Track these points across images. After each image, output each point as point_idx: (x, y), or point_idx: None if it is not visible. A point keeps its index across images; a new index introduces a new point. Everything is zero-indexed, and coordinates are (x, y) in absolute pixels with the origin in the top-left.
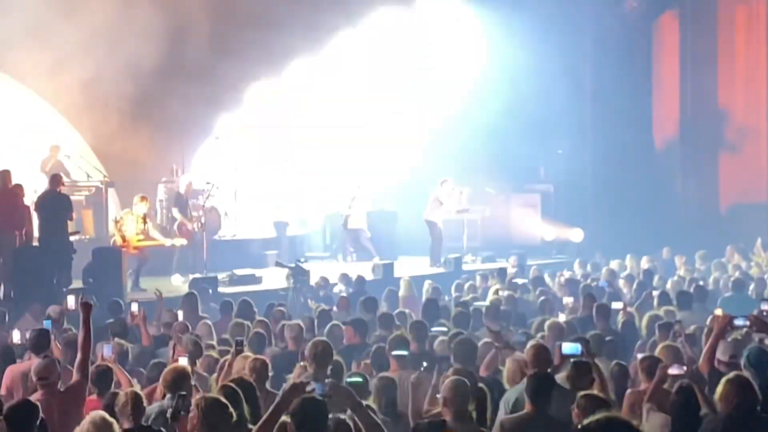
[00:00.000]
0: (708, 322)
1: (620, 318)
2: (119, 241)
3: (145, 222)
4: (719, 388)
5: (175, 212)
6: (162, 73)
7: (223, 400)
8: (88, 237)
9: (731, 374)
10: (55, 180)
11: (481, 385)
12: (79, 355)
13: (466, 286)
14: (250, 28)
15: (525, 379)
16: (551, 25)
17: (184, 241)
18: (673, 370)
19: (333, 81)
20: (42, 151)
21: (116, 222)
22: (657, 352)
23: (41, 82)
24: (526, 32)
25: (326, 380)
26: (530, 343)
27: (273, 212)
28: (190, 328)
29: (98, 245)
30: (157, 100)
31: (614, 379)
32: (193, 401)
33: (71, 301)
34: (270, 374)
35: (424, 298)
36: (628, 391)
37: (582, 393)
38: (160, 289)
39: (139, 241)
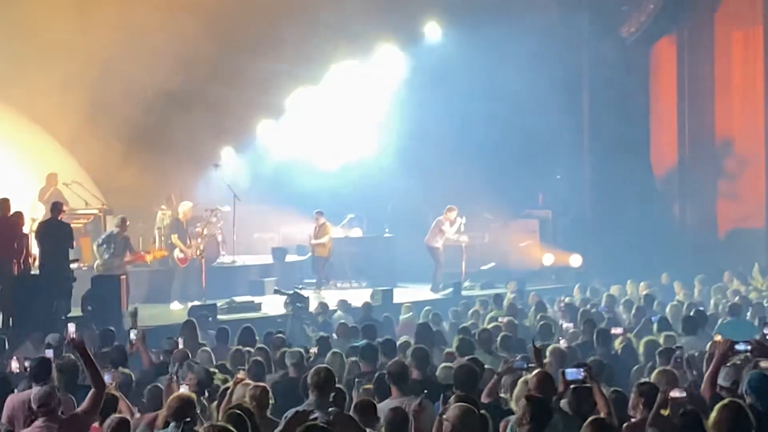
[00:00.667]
0: (708, 347)
1: (619, 343)
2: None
3: None
4: (713, 414)
5: (174, 238)
6: (162, 101)
7: (231, 428)
8: (87, 265)
9: (726, 400)
10: (56, 208)
11: (483, 411)
12: (93, 391)
13: (470, 312)
14: (255, 57)
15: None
16: (548, 52)
17: (164, 253)
18: (675, 393)
19: (334, 110)
20: (40, 179)
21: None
22: (653, 377)
23: (39, 109)
24: (523, 59)
25: (329, 408)
26: (534, 371)
27: (271, 239)
28: (189, 355)
29: (97, 273)
30: (156, 128)
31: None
32: (200, 429)
33: (72, 329)
34: (271, 402)
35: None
36: (625, 425)
37: (591, 418)
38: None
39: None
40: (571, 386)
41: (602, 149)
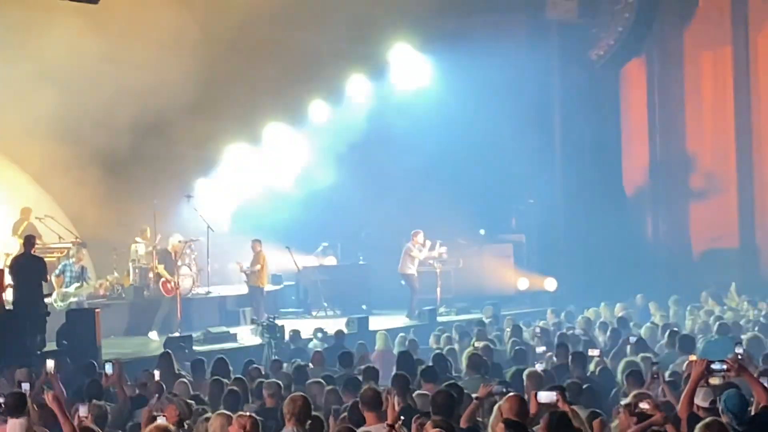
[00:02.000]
0: (684, 367)
1: (595, 365)
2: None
3: None
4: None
5: (161, 269)
6: (135, 133)
7: None
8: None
9: (708, 419)
10: (29, 242)
11: None
12: None
13: (443, 337)
14: (229, 90)
15: None
16: (519, 77)
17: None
18: (643, 405)
19: (304, 140)
20: (13, 213)
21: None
22: (629, 399)
23: (10, 142)
24: (494, 85)
25: None
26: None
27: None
28: (164, 388)
29: (72, 307)
30: (129, 160)
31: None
32: None
33: (50, 364)
34: None
35: (396, 351)
36: None
37: None
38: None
39: None
40: (544, 410)
41: (574, 172)
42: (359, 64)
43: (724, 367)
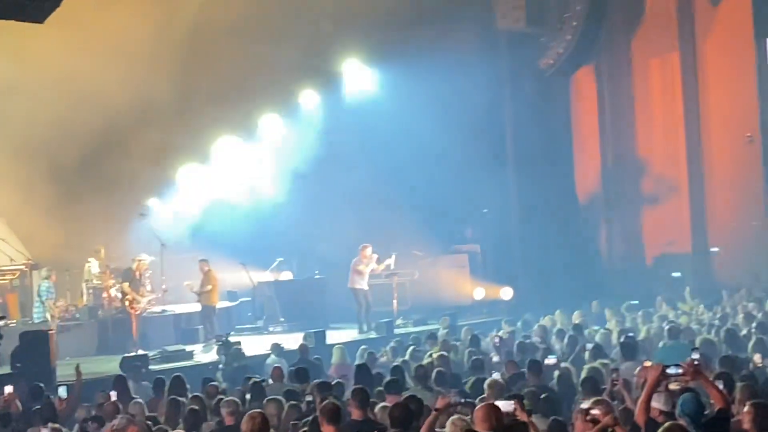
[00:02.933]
0: (636, 372)
1: (558, 374)
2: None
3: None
4: None
5: (126, 287)
6: (86, 151)
7: None
8: (14, 321)
9: (668, 423)
10: None
11: None
12: None
13: (388, 350)
14: (181, 104)
15: None
16: (470, 88)
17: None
18: (594, 411)
19: (259, 155)
20: None
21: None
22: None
23: None
24: (445, 96)
25: None
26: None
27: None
28: (120, 408)
29: (25, 329)
30: (81, 178)
31: None
32: None
33: (8, 389)
34: None
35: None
36: None
37: None
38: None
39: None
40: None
41: (527, 181)
42: (311, 78)
43: (680, 371)
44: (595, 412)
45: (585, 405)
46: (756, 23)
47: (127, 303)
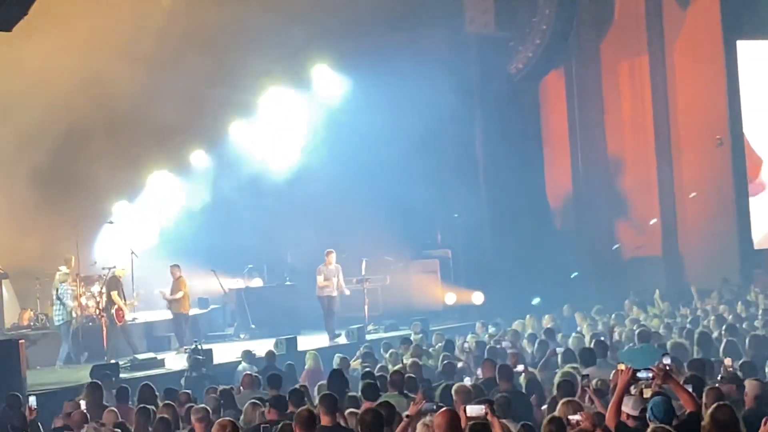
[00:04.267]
0: (611, 376)
1: (523, 378)
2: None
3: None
4: None
5: (114, 296)
6: (56, 162)
7: None
8: None
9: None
10: None
11: None
12: None
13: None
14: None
15: None
16: (439, 92)
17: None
18: (573, 417)
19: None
20: None
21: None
22: (557, 409)
23: None
24: (414, 100)
25: None
26: (441, 409)
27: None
28: (89, 417)
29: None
30: (50, 187)
31: None
32: None
33: None
34: None
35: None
36: None
37: None
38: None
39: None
40: (469, 422)
41: (498, 185)
42: (280, 82)
43: (650, 375)
44: (576, 418)
45: (558, 410)
46: (724, 26)
47: (113, 311)
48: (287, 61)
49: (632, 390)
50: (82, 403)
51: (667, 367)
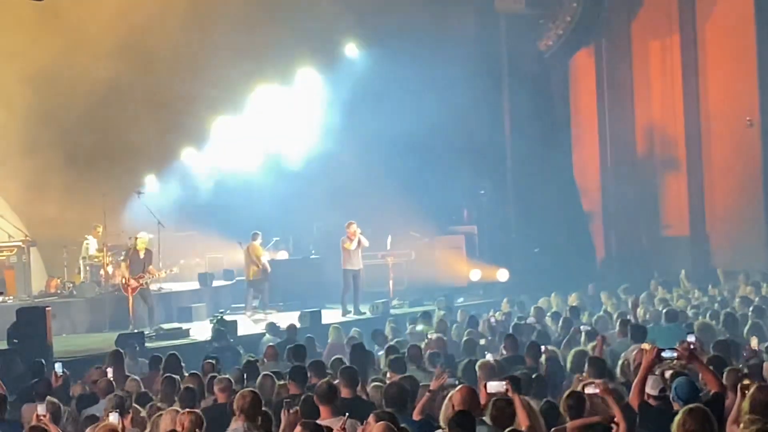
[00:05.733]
0: (634, 355)
1: (543, 356)
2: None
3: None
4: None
5: (123, 266)
6: (81, 131)
7: None
8: (11, 297)
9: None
10: None
11: (404, 425)
12: None
13: (388, 329)
14: (180, 86)
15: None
16: (469, 69)
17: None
18: (589, 389)
19: (256, 134)
20: None
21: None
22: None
23: None
24: (444, 77)
25: None
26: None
27: (198, 265)
28: (114, 385)
29: (22, 305)
30: (78, 156)
31: (545, 417)
32: None
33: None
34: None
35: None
36: (553, 429)
37: (509, 429)
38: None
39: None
40: (492, 399)
41: (525, 163)
42: (309, 58)
43: (675, 355)
44: (589, 390)
45: (589, 390)
46: (757, 6)
47: (123, 281)
48: (316, 39)
49: (656, 370)
50: (109, 371)
51: (692, 346)
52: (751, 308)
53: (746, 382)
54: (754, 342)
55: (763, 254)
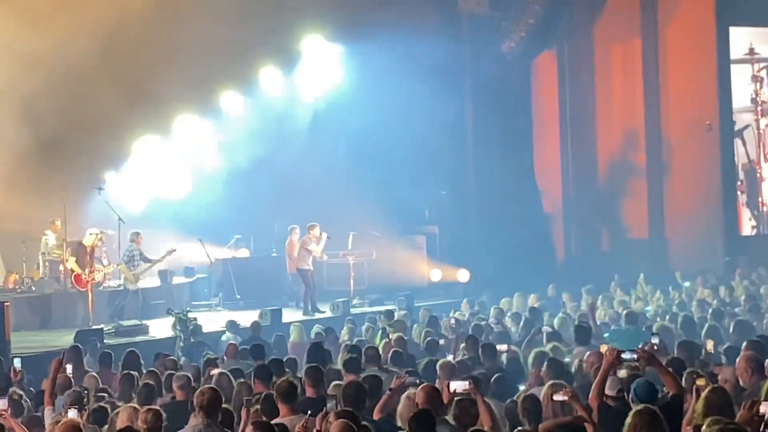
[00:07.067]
0: (589, 356)
1: (505, 357)
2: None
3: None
4: (628, 419)
5: (72, 262)
6: (45, 124)
7: None
8: None
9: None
10: None
11: (365, 423)
12: None
13: (346, 329)
14: (140, 79)
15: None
16: (431, 70)
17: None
18: (557, 397)
19: (218, 134)
20: None
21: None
22: (543, 390)
23: None
24: (406, 78)
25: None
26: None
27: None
28: (73, 382)
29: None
30: (37, 150)
31: (508, 417)
32: None
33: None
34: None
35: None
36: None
37: (471, 430)
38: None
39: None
40: (455, 398)
41: (486, 164)
42: (271, 56)
43: (634, 356)
44: (558, 398)
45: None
46: (718, 11)
47: (73, 279)
48: (277, 37)
49: (618, 372)
50: (68, 367)
51: (655, 347)
52: (709, 311)
53: (700, 383)
54: (710, 345)
55: (721, 258)
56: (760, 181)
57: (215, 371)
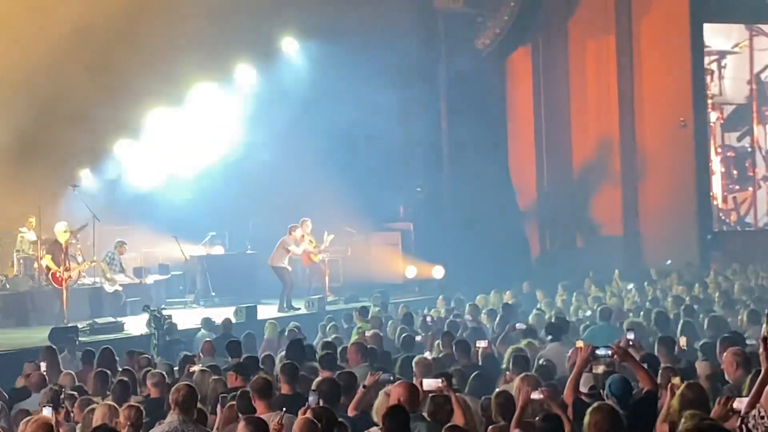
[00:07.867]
0: (569, 353)
1: (481, 353)
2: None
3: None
4: (587, 418)
5: (48, 260)
6: (20, 121)
7: None
8: None
9: (597, 403)
10: None
11: (341, 419)
12: None
13: (329, 326)
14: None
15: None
16: (405, 66)
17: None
18: (534, 395)
19: (192, 129)
20: None
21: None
22: (515, 383)
23: None
24: (381, 74)
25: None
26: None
27: (133, 259)
28: (47, 380)
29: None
30: (12, 148)
31: (485, 413)
32: None
33: None
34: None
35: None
36: (490, 427)
37: (447, 426)
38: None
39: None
40: (429, 395)
41: (461, 161)
42: (247, 52)
43: (609, 353)
44: (535, 396)
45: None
46: (692, 7)
47: (50, 277)
48: (253, 33)
49: (595, 369)
50: (42, 365)
51: (630, 343)
52: (682, 307)
53: (675, 380)
54: (683, 341)
55: (695, 254)
56: (710, 174)
57: (195, 368)
